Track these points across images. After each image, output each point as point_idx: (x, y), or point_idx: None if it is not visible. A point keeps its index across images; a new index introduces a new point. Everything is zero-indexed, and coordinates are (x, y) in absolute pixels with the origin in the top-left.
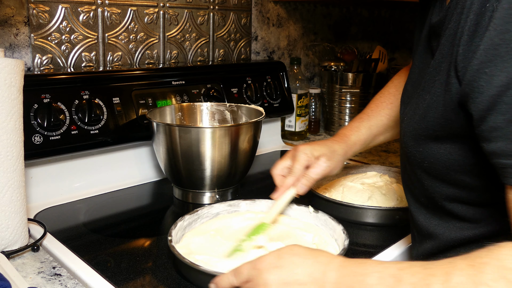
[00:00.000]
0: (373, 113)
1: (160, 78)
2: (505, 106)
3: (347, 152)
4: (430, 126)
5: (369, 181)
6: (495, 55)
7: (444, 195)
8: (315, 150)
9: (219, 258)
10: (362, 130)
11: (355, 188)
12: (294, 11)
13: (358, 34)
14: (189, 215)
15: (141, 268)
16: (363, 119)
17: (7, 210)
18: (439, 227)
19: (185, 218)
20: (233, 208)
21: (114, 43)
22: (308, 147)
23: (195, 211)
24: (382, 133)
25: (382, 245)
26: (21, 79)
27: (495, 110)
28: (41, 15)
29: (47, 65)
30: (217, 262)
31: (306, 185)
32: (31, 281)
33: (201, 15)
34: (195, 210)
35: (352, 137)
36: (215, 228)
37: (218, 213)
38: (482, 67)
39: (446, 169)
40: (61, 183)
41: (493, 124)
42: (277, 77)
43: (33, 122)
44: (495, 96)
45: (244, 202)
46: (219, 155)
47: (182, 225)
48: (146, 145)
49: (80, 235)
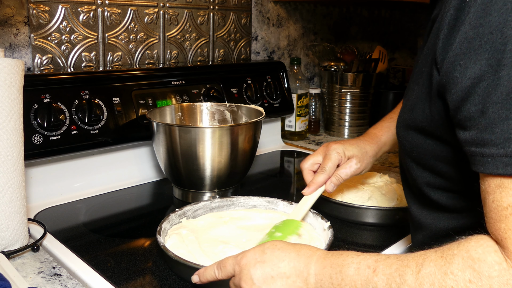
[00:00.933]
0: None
1: (160, 78)
2: (478, 97)
3: (377, 153)
4: (418, 117)
5: (369, 181)
6: (469, 48)
7: (430, 184)
8: (347, 150)
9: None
10: (393, 130)
11: (355, 188)
12: (294, 11)
13: (358, 34)
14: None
15: (141, 268)
16: (393, 119)
17: (7, 210)
18: (429, 217)
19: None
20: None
21: (114, 43)
22: (340, 146)
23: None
24: None
25: (382, 245)
26: (21, 79)
27: (468, 101)
28: (41, 15)
29: (47, 65)
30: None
31: (336, 184)
32: (31, 281)
33: (201, 15)
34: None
35: (383, 138)
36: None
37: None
38: (457, 59)
39: (433, 159)
40: (61, 183)
41: (466, 114)
42: (277, 77)
43: (33, 122)
44: (468, 87)
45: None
46: (219, 155)
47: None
48: (146, 145)
49: (80, 235)
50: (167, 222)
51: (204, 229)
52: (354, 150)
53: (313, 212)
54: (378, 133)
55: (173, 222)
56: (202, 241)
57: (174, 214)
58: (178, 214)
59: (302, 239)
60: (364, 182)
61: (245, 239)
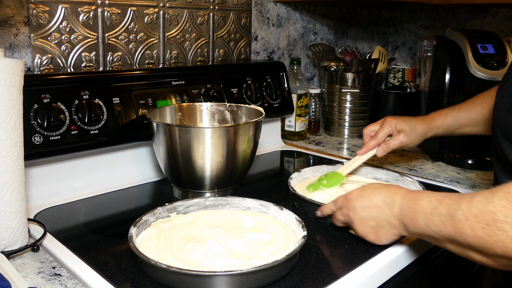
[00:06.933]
0: (466, 106)
1: (160, 78)
2: None
3: (428, 132)
4: None
5: (369, 182)
6: None
7: None
8: (398, 124)
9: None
10: (449, 117)
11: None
12: (294, 11)
13: (358, 34)
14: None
15: (141, 268)
16: (454, 108)
17: (7, 210)
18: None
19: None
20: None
21: (114, 43)
22: (394, 120)
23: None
24: (468, 125)
25: (382, 245)
26: (21, 79)
27: None
28: (41, 15)
29: (47, 65)
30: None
31: (384, 151)
32: (31, 281)
33: (201, 15)
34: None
35: (438, 121)
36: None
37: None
38: None
39: None
40: (61, 183)
41: None
42: (277, 77)
43: (33, 122)
44: None
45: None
46: (219, 155)
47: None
48: (146, 145)
49: (80, 235)
50: (151, 215)
51: (186, 225)
52: (404, 125)
53: (297, 220)
54: (435, 116)
55: (160, 216)
56: (176, 238)
57: (162, 208)
58: (166, 208)
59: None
60: (364, 182)
61: (219, 237)
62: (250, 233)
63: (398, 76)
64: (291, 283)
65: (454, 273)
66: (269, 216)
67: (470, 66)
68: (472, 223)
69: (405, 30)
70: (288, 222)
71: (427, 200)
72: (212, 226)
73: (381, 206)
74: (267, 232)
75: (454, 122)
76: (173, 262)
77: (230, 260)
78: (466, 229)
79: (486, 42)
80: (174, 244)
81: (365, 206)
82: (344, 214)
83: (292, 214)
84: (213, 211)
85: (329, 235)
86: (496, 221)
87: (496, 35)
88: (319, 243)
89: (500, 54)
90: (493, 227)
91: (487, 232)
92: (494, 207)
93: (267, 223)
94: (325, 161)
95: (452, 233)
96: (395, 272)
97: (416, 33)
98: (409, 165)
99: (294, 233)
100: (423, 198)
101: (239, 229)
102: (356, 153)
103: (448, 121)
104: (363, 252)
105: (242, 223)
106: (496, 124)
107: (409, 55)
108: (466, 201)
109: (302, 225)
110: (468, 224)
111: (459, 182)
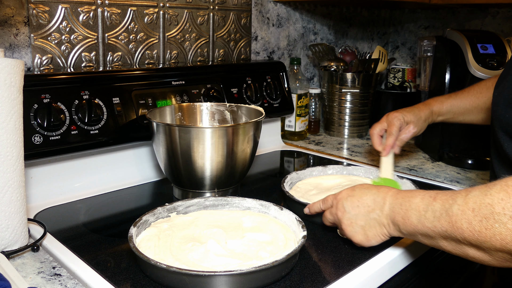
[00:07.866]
0: (462, 95)
1: (160, 78)
2: None
3: (429, 117)
4: None
5: (368, 182)
6: None
7: None
8: (406, 117)
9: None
10: (445, 105)
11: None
12: (294, 11)
13: (358, 34)
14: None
15: (141, 268)
16: (450, 96)
17: (7, 210)
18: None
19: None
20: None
21: (114, 43)
22: (399, 113)
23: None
24: (462, 114)
25: (382, 245)
26: (21, 79)
27: None
28: (41, 15)
29: (47, 65)
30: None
31: (399, 146)
32: (31, 281)
33: (201, 15)
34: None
35: (434, 108)
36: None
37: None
38: None
39: None
40: (61, 183)
41: None
42: (277, 77)
43: (33, 122)
44: None
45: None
46: (219, 155)
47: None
48: (146, 145)
49: (80, 235)
50: (151, 214)
51: (186, 225)
52: (411, 116)
53: (297, 220)
54: (432, 102)
55: (160, 216)
56: (176, 238)
57: (162, 208)
58: (167, 208)
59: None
60: (363, 182)
61: (219, 237)
62: (250, 233)
63: (398, 76)
64: (291, 283)
65: (453, 274)
66: (269, 216)
67: (470, 66)
68: (469, 216)
69: (405, 30)
70: (288, 222)
71: (420, 197)
72: (212, 226)
73: (371, 206)
74: (267, 232)
75: (448, 110)
76: (173, 262)
77: (230, 260)
78: (463, 223)
79: (486, 42)
80: (174, 244)
81: (355, 206)
82: (333, 214)
83: (292, 214)
84: (213, 211)
85: (329, 235)
86: (494, 214)
87: (496, 35)
88: (319, 243)
89: (500, 54)
90: (490, 220)
91: (484, 225)
92: (491, 200)
93: (267, 223)
94: (325, 161)
95: (447, 229)
96: (394, 272)
97: (416, 33)
98: (409, 165)
99: (294, 233)
100: (416, 196)
101: (239, 229)
102: (380, 155)
103: (443, 109)
104: (363, 253)
105: (242, 223)
106: (495, 119)
107: (409, 55)
108: (462, 195)
109: (302, 225)
110: (464, 218)
111: (459, 182)
